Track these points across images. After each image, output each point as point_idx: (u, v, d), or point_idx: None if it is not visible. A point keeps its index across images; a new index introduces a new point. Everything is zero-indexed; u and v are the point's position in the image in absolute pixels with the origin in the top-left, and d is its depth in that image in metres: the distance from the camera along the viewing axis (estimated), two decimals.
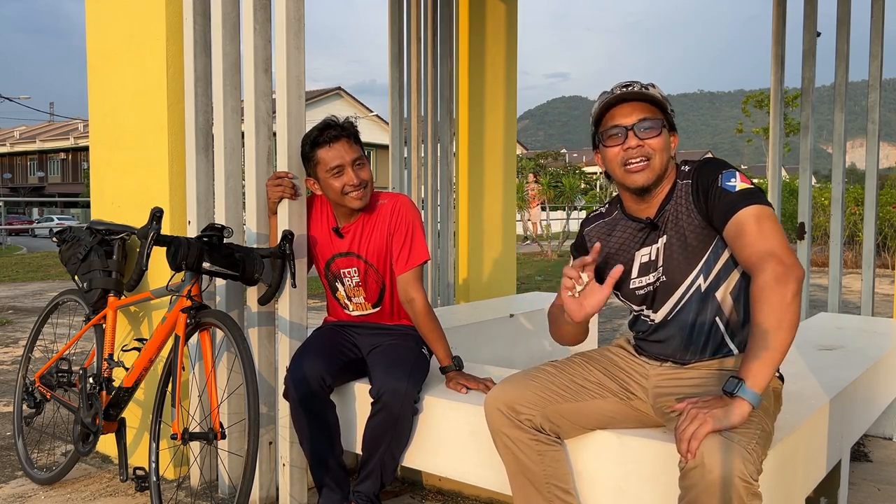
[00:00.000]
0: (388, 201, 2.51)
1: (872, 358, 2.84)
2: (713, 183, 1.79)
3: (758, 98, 27.82)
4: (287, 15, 2.44)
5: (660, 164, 1.83)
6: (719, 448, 1.51)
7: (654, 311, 1.94)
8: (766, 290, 1.63)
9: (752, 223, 1.71)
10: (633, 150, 1.82)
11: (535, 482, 1.91)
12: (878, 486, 2.85)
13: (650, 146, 1.82)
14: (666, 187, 1.89)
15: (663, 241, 1.88)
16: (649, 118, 1.82)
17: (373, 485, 2.36)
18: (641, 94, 1.82)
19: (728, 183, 1.76)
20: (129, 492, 2.79)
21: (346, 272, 2.54)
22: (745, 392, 1.58)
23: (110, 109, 3.11)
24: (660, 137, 1.82)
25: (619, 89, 1.84)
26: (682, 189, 1.87)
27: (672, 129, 1.89)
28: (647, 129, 1.81)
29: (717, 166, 1.82)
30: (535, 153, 45.17)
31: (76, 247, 2.91)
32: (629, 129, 1.82)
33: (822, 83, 5.03)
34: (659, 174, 1.84)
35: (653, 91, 1.83)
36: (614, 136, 1.84)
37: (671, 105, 1.88)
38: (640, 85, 1.84)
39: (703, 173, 1.83)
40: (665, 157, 1.84)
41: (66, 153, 52.48)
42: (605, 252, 2.00)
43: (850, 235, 11.95)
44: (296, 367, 2.37)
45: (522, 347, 3.95)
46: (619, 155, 1.84)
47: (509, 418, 1.90)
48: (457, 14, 4.93)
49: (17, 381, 3.11)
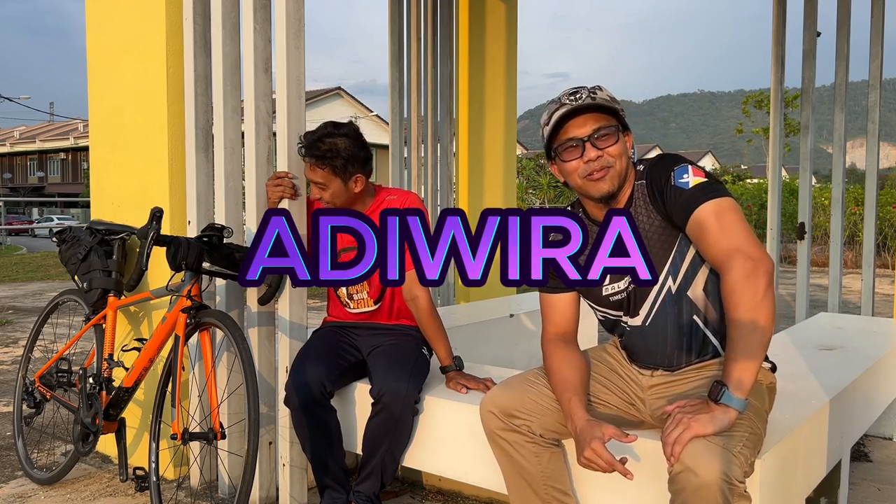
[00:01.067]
0: (398, 198, 2.54)
1: (872, 358, 2.84)
2: (667, 182, 1.74)
3: (758, 98, 27.82)
4: (287, 15, 2.44)
5: (620, 169, 1.79)
6: (705, 452, 1.52)
7: (631, 317, 1.90)
8: (736, 290, 1.59)
9: (712, 220, 1.66)
10: (592, 161, 1.77)
11: (532, 484, 1.90)
12: (878, 486, 2.85)
13: (609, 154, 1.77)
14: (627, 190, 1.85)
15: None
16: (604, 126, 1.77)
17: (373, 485, 2.36)
18: (591, 105, 1.76)
19: (681, 180, 1.72)
20: (129, 492, 2.79)
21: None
22: (730, 399, 1.57)
23: (110, 109, 3.11)
24: (617, 144, 1.78)
25: (567, 99, 1.78)
26: (639, 190, 1.83)
27: (626, 129, 1.83)
28: (604, 136, 1.77)
29: (668, 164, 1.77)
30: (535, 153, 45.15)
31: (76, 247, 2.90)
32: (586, 140, 1.77)
33: (822, 83, 5.02)
34: (621, 178, 1.80)
35: (601, 96, 1.78)
36: (571, 148, 1.79)
37: (619, 104, 1.83)
38: (587, 91, 1.78)
39: (654, 173, 1.79)
40: (625, 160, 1.80)
41: (66, 153, 52.46)
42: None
43: (850, 235, 11.95)
44: (296, 373, 2.37)
45: (522, 347, 3.94)
46: (578, 167, 1.80)
47: (504, 422, 1.89)
48: (457, 14, 4.93)
49: (17, 381, 3.11)
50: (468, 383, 2.35)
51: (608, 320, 1.98)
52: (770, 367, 1.97)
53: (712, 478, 1.49)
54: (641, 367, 1.96)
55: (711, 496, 1.49)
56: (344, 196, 2.45)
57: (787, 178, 17.27)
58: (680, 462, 1.53)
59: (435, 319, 2.45)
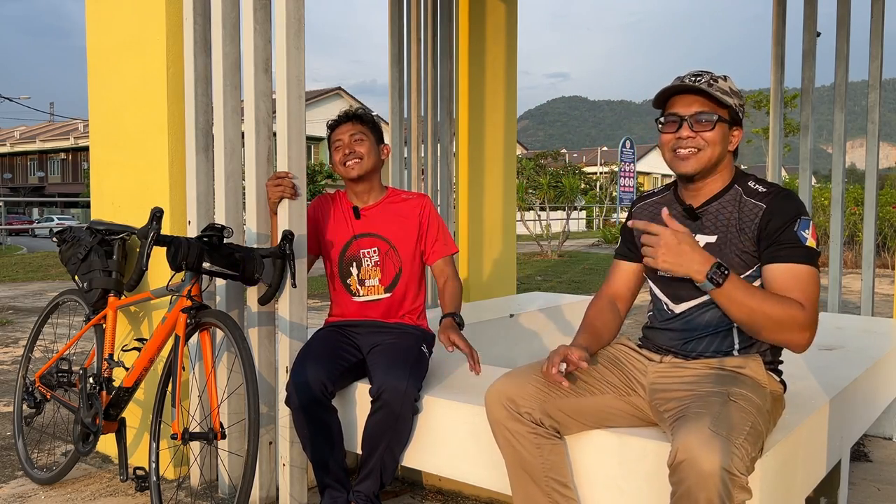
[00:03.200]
0: (415, 199, 2.72)
1: (872, 358, 2.84)
2: (789, 224, 1.83)
3: (757, 98, 27.82)
4: (287, 15, 2.45)
5: (709, 157, 1.89)
6: (706, 443, 1.54)
7: (676, 304, 1.98)
8: (799, 314, 1.74)
9: (805, 279, 1.79)
10: (683, 139, 1.90)
11: (533, 475, 1.92)
12: (878, 486, 2.85)
13: (703, 138, 1.88)
14: (718, 183, 1.95)
15: (709, 240, 1.93)
16: (706, 112, 1.88)
17: (373, 484, 2.36)
18: (699, 89, 1.86)
19: (803, 232, 1.82)
20: (129, 492, 2.79)
21: (365, 252, 2.65)
22: (706, 285, 1.73)
23: (110, 109, 3.12)
24: (713, 132, 1.88)
25: (688, 79, 1.90)
26: (746, 204, 1.90)
27: (735, 124, 1.93)
28: (702, 121, 1.88)
29: (797, 206, 1.85)
30: (535, 153, 45.16)
31: (76, 247, 2.91)
32: (684, 119, 1.89)
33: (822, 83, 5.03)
34: (707, 166, 1.90)
35: (719, 86, 1.88)
36: (670, 122, 1.92)
37: (742, 100, 1.94)
38: (709, 77, 1.89)
39: (782, 209, 1.84)
40: (717, 150, 1.89)
41: (66, 153, 52.48)
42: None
43: (850, 235, 11.96)
44: (297, 373, 2.37)
45: (522, 347, 3.95)
46: (671, 141, 1.92)
47: (509, 411, 1.92)
48: (457, 14, 4.93)
49: (17, 381, 3.11)
50: (458, 341, 2.38)
51: (656, 300, 2.07)
52: (779, 381, 2.00)
53: (713, 468, 1.51)
54: (652, 352, 2.04)
55: (712, 486, 1.51)
56: (373, 157, 2.64)
57: (786, 178, 17.28)
58: (682, 452, 1.56)
59: (458, 288, 2.63)
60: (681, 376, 1.93)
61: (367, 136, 2.63)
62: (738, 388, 1.77)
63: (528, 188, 21.12)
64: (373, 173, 2.66)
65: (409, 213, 2.68)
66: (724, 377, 1.85)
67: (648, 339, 2.09)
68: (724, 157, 1.93)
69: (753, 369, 1.89)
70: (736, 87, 1.93)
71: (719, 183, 1.95)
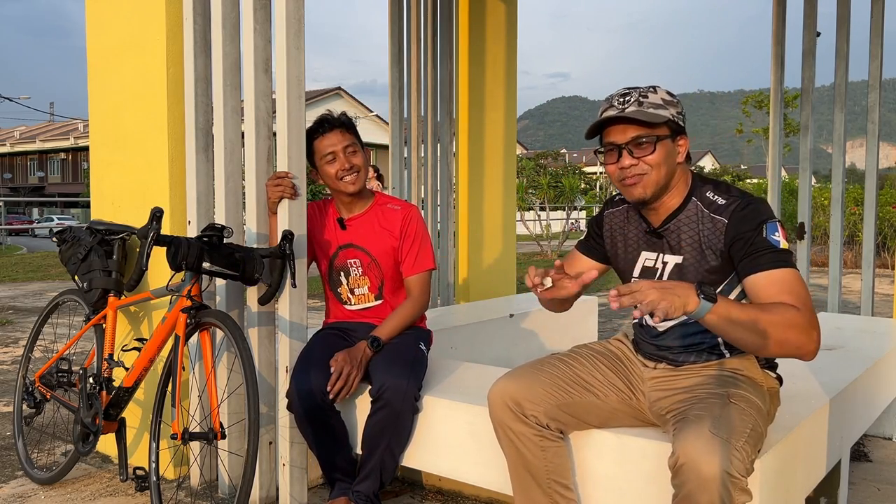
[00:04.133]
0: (402, 209, 2.65)
1: (872, 358, 2.84)
2: (757, 232, 1.74)
3: (757, 98, 27.82)
4: (287, 15, 2.44)
5: (656, 179, 1.82)
6: (708, 446, 1.54)
7: (660, 322, 1.93)
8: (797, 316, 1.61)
9: (794, 283, 1.69)
10: (626, 168, 1.82)
11: (536, 476, 1.92)
12: (878, 486, 2.85)
13: (646, 162, 1.81)
14: (675, 198, 1.88)
15: (676, 261, 1.88)
16: (643, 136, 1.79)
17: (372, 484, 2.37)
18: (628, 118, 1.77)
19: (773, 236, 1.74)
20: (129, 492, 2.79)
21: (351, 262, 2.63)
22: (705, 306, 1.55)
23: (110, 109, 3.11)
24: (655, 153, 1.80)
25: (616, 101, 1.82)
26: (706, 220, 1.83)
27: (678, 135, 1.85)
28: (642, 145, 1.80)
29: (759, 213, 1.77)
30: (535, 153, 45.16)
31: (76, 247, 2.90)
32: (622, 147, 1.81)
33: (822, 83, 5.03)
34: (657, 187, 1.83)
35: (650, 101, 1.79)
36: (609, 152, 1.85)
37: (678, 108, 1.84)
38: (637, 95, 1.81)
39: (744, 219, 1.77)
40: (664, 170, 1.82)
41: (66, 153, 52.47)
42: (615, 238, 2.05)
43: (850, 235, 11.95)
44: (298, 380, 2.38)
45: (522, 347, 3.95)
46: (615, 172, 1.85)
47: (514, 412, 1.91)
48: (457, 14, 4.93)
49: (17, 380, 3.11)
50: (334, 364, 2.34)
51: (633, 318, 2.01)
52: (775, 377, 1.99)
53: (714, 472, 1.52)
54: (646, 359, 2.02)
55: (714, 489, 1.52)
56: (366, 168, 2.60)
57: (786, 178, 17.26)
58: (682, 455, 1.56)
59: (411, 312, 2.54)
60: (677, 380, 1.93)
61: (358, 146, 2.59)
62: (737, 390, 1.77)
63: (528, 188, 21.10)
64: (360, 188, 2.60)
65: (391, 225, 2.62)
66: (722, 378, 1.85)
67: (639, 347, 2.07)
68: (674, 171, 1.85)
69: (749, 369, 1.90)
70: (669, 96, 1.84)
71: (676, 198, 1.88)
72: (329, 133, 2.54)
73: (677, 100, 1.86)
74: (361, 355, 2.39)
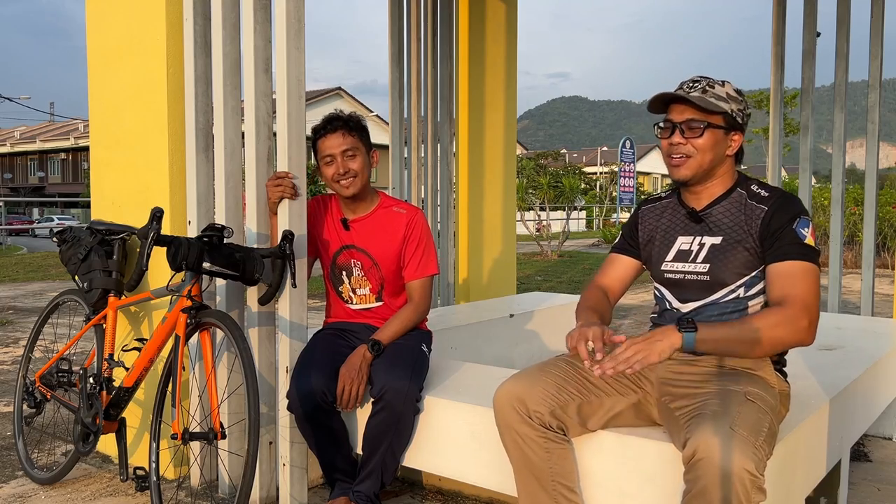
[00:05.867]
0: (408, 213, 2.63)
1: (872, 358, 2.84)
2: (788, 222, 1.88)
3: (757, 98, 27.81)
4: (287, 15, 2.45)
5: (700, 163, 1.94)
6: (729, 442, 1.54)
7: (683, 304, 2.00)
8: (780, 314, 1.77)
9: (803, 275, 1.83)
10: (675, 146, 1.95)
11: (540, 479, 1.92)
12: (878, 486, 2.85)
13: (693, 145, 1.93)
14: (719, 187, 2.00)
15: (714, 241, 1.96)
16: (696, 119, 1.92)
17: (373, 484, 2.37)
18: (689, 100, 1.91)
19: (802, 230, 1.87)
20: (129, 492, 2.79)
21: (354, 262, 2.63)
22: (688, 336, 1.72)
23: (110, 109, 3.12)
24: (703, 138, 1.92)
25: (686, 85, 1.96)
26: (749, 207, 1.94)
27: (733, 129, 1.96)
28: (693, 128, 1.93)
29: (797, 208, 1.90)
30: (535, 153, 45.16)
31: (76, 247, 2.90)
32: (676, 125, 1.95)
33: (822, 83, 5.03)
34: (699, 171, 1.95)
35: (714, 92, 1.92)
36: (664, 128, 1.98)
37: (741, 105, 1.96)
38: (705, 83, 1.94)
39: (782, 208, 1.90)
40: (709, 156, 1.93)
41: (66, 153, 52.46)
42: (652, 231, 2.13)
43: (850, 235, 11.96)
44: (299, 382, 2.37)
45: (522, 347, 3.95)
46: (666, 147, 1.99)
47: (520, 414, 1.91)
48: (457, 14, 4.93)
49: (18, 381, 3.11)
50: (346, 384, 2.34)
51: (662, 301, 2.08)
52: (785, 380, 2.01)
53: (734, 468, 1.52)
54: None
55: (732, 486, 1.51)
56: (366, 171, 2.57)
57: (786, 178, 17.28)
58: (702, 450, 1.56)
59: (410, 318, 2.54)
60: (692, 372, 1.93)
61: (360, 148, 2.54)
62: (753, 388, 1.78)
63: (528, 188, 21.10)
64: (365, 186, 2.58)
65: (395, 229, 2.60)
66: (737, 375, 1.86)
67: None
68: (722, 161, 1.97)
69: (763, 370, 1.91)
70: (736, 93, 1.97)
71: (720, 187, 2.00)
72: (331, 134, 2.52)
73: (743, 98, 1.99)
74: (361, 362, 2.39)
